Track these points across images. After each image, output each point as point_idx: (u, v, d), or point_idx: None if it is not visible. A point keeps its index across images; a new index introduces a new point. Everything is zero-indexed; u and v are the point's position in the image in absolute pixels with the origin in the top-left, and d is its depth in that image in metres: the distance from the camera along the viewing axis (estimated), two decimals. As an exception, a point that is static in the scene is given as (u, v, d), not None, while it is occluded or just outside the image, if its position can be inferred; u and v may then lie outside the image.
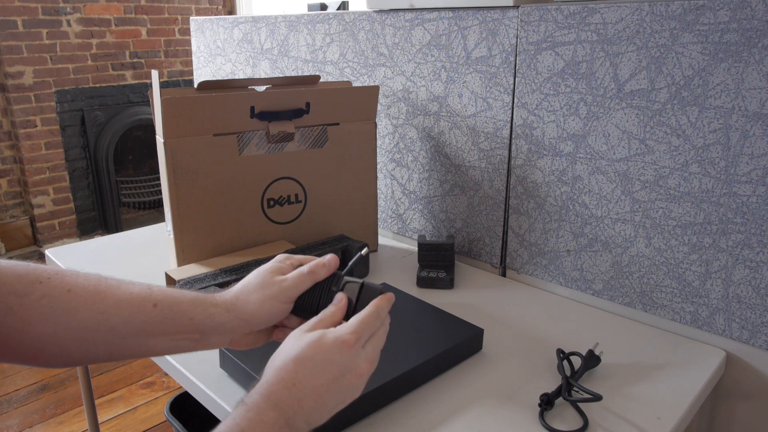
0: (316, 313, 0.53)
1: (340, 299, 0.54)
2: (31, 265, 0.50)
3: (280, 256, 0.58)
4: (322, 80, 1.19)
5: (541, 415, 0.63)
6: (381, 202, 1.19)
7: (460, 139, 1.01)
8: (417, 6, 1.01)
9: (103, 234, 3.21)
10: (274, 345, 0.71)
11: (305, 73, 1.28)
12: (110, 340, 0.50)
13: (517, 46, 0.89)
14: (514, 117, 0.92)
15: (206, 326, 0.53)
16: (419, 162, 1.10)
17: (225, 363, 0.71)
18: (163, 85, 3.30)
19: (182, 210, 0.89)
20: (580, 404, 0.65)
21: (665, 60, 0.74)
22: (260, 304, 0.54)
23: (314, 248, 0.95)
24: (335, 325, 0.50)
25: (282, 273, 0.56)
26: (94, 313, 0.49)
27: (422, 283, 0.95)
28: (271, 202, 0.96)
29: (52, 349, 0.49)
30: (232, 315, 0.53)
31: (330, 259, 0.56)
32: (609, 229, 0.85)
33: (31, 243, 3.05)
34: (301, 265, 0.57)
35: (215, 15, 3.46)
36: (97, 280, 0.51)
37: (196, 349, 0.54)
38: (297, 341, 0.48)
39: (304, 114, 0.95)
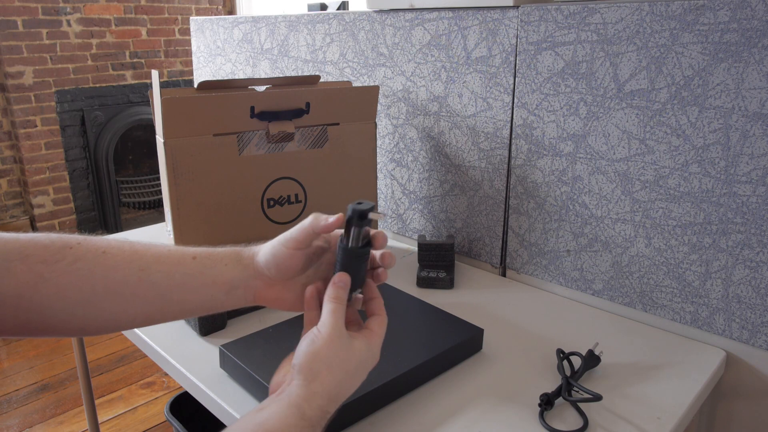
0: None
1: (335, 295, 0.53)
2: (53, 235, 0.49)
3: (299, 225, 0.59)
4: (322, 80, 1.19)
5: (541, 415, 0.63)
6: (381, 202, 1.19)
7: (460, 139, 1.01)
8: (417, 6, 1.01)
9: (103, 234, 3.21)
10: (274, 346, 0.71)
11: (305, 73, 1.28)
12: (151, 298, 0.50)
13: (517, 46, 0.89)
14: (514, 117, 0.92)
15: (236, 272, 0.53)
16: (419, 162, 1.10)
17: (225, 363, 0.71)
18: (163, 85, 3.30)
19: (182, 210, 0.89)
20: (580, 404, 0.65)
21: (665, 60, 0.74)
22: (270, 248, 0.54)
23: (314, 248, 0.95)
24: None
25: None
26: (134, 269, 0.50)
27: (422, 283, 0.95)
28: (271, 202, 0.96)
29: (88, 313, 0.49)
30: (252, 260, 0.54)
31: (335, 217, 0.55)
32: (609, 229, 0.85)
33: (31, 243, 3.05)
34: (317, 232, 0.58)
35: (215, 15, 3.46)
36: (130, 242, 0.52)
37: (226, 305, 0.54)
38: (349, 355, 0.49)
39: (304, 114, 0.95)
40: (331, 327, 0.48)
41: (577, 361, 0.72)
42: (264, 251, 0.54)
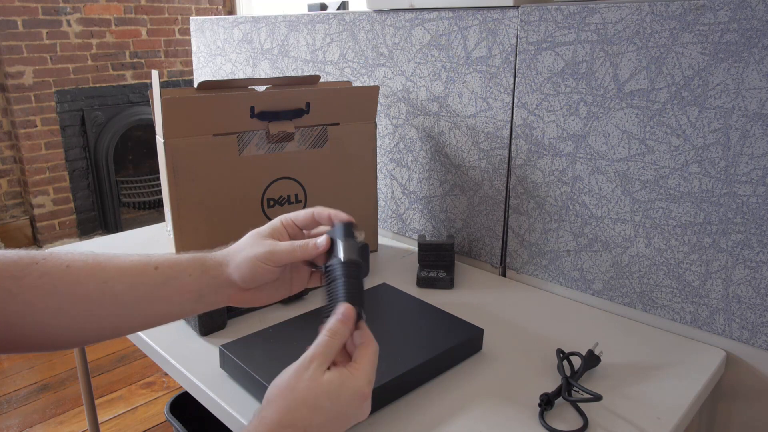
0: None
1: (330, 327, 0.50)
2: (22, 251, 0.50)
3: (275, 219, 0.58)
4: (322, 80, 1.19)
5: (541, 415, 0.63)
6: (381, 202, 1.19)
7: (460, 139, 1.01)
8: (417, 6, 1.01)
9: (103, 234, 3.21)
10: (274, 346, 0.71)
11: (305, 73, 1.28)
12: (115, 311, 0.50)
13: (517, 46, 0.89)
14: (514, 117, 0.92)
15: (202, 282, 0.53)
16: (419, 162, 1.10)
17: (225, 363, 0.71)
18: (163, 85, 3.30)
19: (182, 210, 0.89)
20: (580, 404, 0.65)
21: (665, 60, 0.74)
22: (247, 262, 0.53)
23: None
24: (337, 354, 0.48)
25: (277, 237, 0.56)
26: (97, 282, 0.50)
27: (422, 283, 0.95)
28: (271, 202, 0.96)
29: (58, 328, 0.49)
30: (222, 270, 0.54)
31: (321, 241, 0.55)
32: (609, 229, 0.85)
33: (31, 243, 3.05)
34: (296, 226, 0.57)
35: (215, 15, 3.46)
36: (94, 254, 0.52)
37: (198, 310, 0.54)
38: (312, 385, 0.46)
39: (304, 114, 0.95)
40: (302, 357, 0.47)
41: (577, 361, 0.72)
42: (239, 266, 0.53)
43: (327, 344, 0.48)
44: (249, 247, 0.54)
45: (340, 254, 0.52)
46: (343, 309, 0.50)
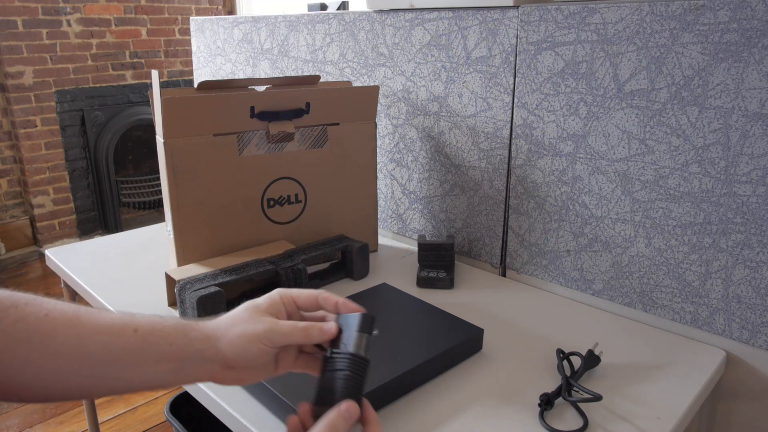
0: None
1: (330, 420, 0.46)
2: (7, 292, 0.46)
3: (274, 293, 0.53)
4: (322, 80, 1.19)
5: (541, 415, 0.63)
6: (381, 202, 1.19)
7: (460, 139, 1.01)
8: (417, 6, 1.01)
9: (103, 234, 3.21)
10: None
11: (305, 73, 1.28)
12: (86, 371, 0.46)
13: (517, 46, 0.89)
14: (514, 117, 0.92)
15: (185, 353, 0.48)
16: (419, 162, 1.10)
17: (225, 363, 0.71)
18: (163, 85, 3.30)
19: (182, 210, 0.89)
20: (580, 404, 0.65)
21: (665, 60, 0.74)
22: (240, 339, 0.49)
23: (314, 248, 0.95)
24: None
25: (275, 314, 0.51)
26: (71, 337, 0.45)
27: (422, 283, 0.95)
28: (271, 202, 0.96)
29: (21, 379, 0.45)
30: (210, 344, 0.49)
31: (330, 327, 0.51)
32: (609, 229, 0.85)
33: (31, 243, 3.05)
34: (295, 304, 0.53)
35: (215, 15, 3.46)
36: (77, 307, 0.48)
37: (175, 382, 0.49)
38: None
39: (304, 114, 0.95)
40: None
41: (577, 361, 0.72)
42: (232, 342, 0.49)
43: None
44: (245, 323, 0.49)
45: (350, 346, 0.49)
46: (346, 406, 0.46)
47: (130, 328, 0.47)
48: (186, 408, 1.22)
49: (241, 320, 0.50)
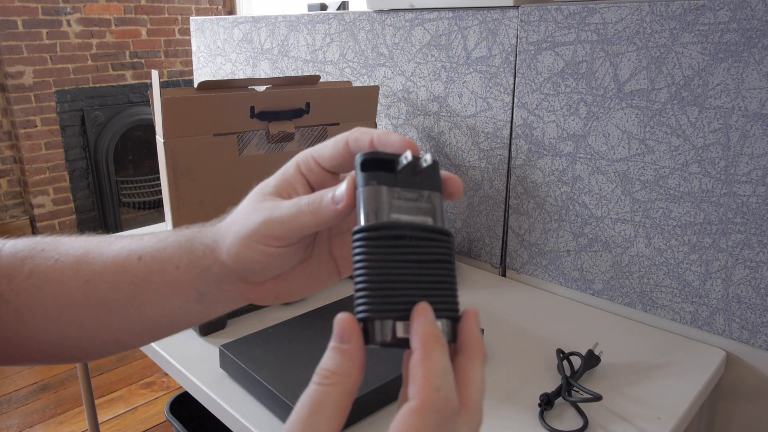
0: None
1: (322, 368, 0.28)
2: (26, 240, 0.40)
3: (291, 160, 0.35)
4: (322, 80, 1.19)
5: (541, 415, 0.63)
6: (381, 202, 1.19)
7: (460, 139, 1.01)
8: (417, 6, 1.01)
9: (103, 234, 3.21)
10: (274, 347, 0.71)
11: (305, 73, 1.28)
12: (101, 318, 0.37)
13: (517, 46, 0.89)
14: (514, 117, 0.92)
15: (193, 275, 0.36)
16: (419, 162, 1.09)
17: (225, 363, 0.71)
18: (163, 85, 3.30)
19: (182, 210, 0.89)
20: (580, 404, 0.65)
21: (665, 60, 0.74)
22: (236, 244, 0.34)
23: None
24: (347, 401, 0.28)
25: (288, 190, 0.35)
26: (79, 281, 0.37)
27: (422, 283, 0.95)
28: (271, 202, 0.96)
29: (49, 340, 0.38)
30: (214, 257, 0.36)
31: (341, 192, 0.32)
32: (609, 229, 0.85)
33: (31, 243, 3.05)
34: (320, 167, 0.34)
35: (215, 15, 3.46)
36: (87, 242, 0.39)
37: (207, 312, 0.38)
38: None
39: (304, 114, 0.95)
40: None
41: (577, 361, 0.72)
42: (229, 249, 0.35)
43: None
44: (243, 217, 0.35)
45: (361, 218, 0.29)
46: (338, 321, 0.28)
47: (134, 256, 0.37)
48: (186, 408, 1.22)
49: (241, 213, 0.35)
